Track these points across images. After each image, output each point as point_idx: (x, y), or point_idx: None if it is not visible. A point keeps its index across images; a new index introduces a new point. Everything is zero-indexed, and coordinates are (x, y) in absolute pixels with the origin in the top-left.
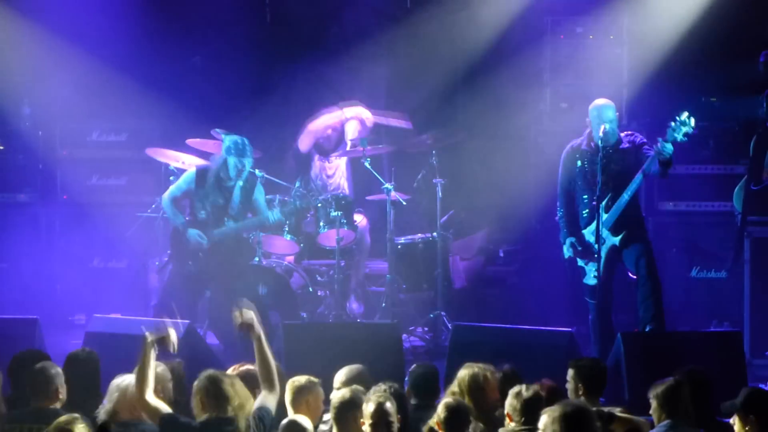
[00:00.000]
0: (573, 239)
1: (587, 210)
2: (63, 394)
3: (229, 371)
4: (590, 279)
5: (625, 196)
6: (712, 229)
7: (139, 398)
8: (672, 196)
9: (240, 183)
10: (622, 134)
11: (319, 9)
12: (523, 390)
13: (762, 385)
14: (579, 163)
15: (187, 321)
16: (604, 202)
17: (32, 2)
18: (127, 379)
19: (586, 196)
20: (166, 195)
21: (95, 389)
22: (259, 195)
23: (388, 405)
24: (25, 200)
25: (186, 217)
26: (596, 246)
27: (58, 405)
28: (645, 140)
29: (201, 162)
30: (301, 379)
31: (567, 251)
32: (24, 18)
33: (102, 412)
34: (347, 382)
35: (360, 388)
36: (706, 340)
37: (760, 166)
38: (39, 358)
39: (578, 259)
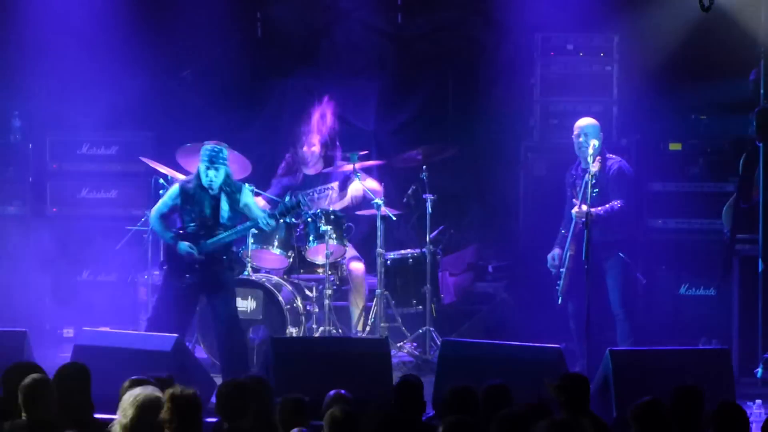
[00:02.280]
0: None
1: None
2: (55, 406)
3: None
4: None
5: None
6: (701, 246)
7: None
8: (661, 213)
9: (225, 190)
10: (613, 157)
11: (310, 23)
12: None
13: (750, 403)
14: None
15: (175, 335)
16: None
17: (22, 15)
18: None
19: None
20: (154, 212)
21: (87, 402)
22: (248, 199)
23: None
24: (15, 213)
25: (179, 230)
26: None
27: (50, 417)
28: (617, 175)
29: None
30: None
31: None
32: (13, 30)
33: (117, 427)
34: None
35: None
36: (694, 357)
37: (749, 184)
38: (32, 370)
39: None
